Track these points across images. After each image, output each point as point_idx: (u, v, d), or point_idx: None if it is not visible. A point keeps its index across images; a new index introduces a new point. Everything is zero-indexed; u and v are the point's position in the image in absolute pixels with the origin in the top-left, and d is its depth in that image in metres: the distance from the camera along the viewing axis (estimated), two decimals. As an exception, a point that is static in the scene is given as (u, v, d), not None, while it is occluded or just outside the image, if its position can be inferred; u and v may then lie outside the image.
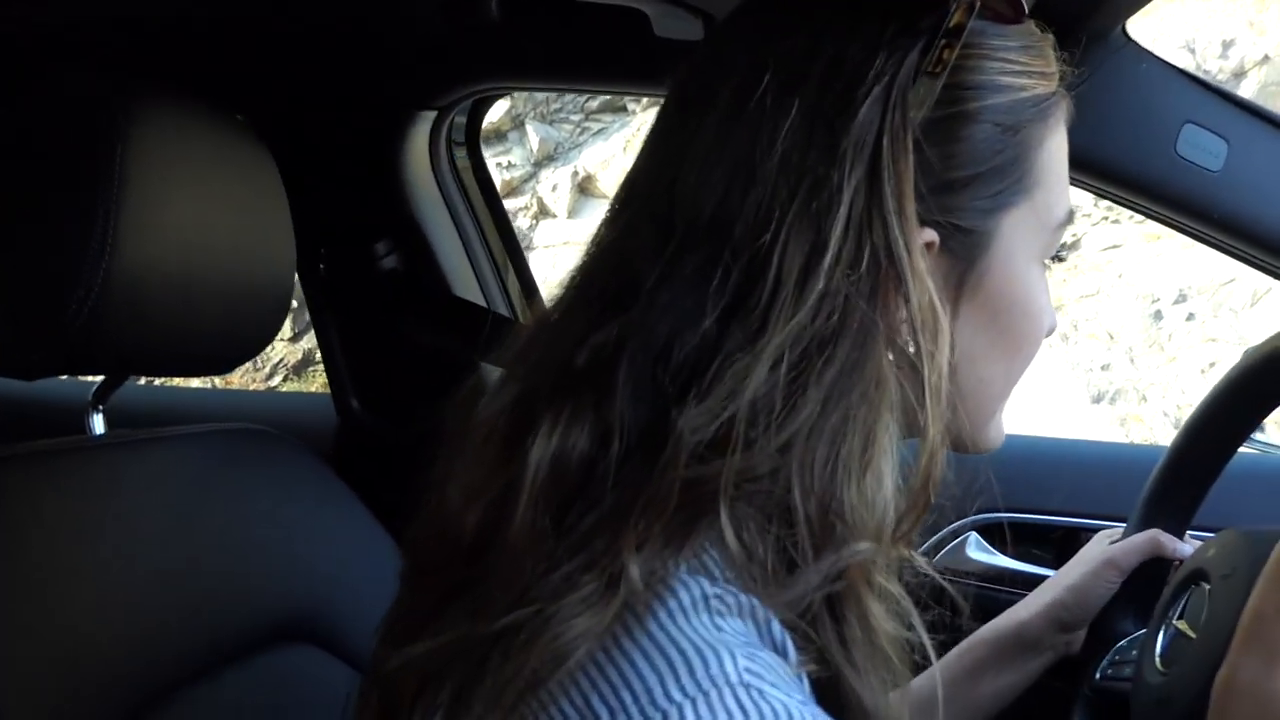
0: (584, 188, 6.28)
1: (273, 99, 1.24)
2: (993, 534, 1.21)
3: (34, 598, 0.75)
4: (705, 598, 0.47)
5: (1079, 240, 4.89)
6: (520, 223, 6.25)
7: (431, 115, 1.26)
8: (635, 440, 0.51)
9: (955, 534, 1.21)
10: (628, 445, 0.51)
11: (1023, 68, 0.56)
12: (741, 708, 0.44)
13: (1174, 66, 0.99)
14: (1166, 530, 0.93)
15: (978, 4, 0.53)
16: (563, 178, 6.24)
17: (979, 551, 1.20)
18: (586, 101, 6.43)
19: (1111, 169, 1.00)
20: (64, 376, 1.34)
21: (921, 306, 0.51)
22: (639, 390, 0.51)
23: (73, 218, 0.78)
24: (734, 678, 0.45)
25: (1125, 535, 0.96)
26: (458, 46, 1.14)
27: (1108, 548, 0.94)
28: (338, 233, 1.31)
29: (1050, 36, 0.60)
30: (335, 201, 1.29)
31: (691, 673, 0.45)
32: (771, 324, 0.50)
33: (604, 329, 0.52)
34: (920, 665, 0.53)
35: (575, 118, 6.44)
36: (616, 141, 6.27)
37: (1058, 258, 0.63)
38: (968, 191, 0.55)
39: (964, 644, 0.97)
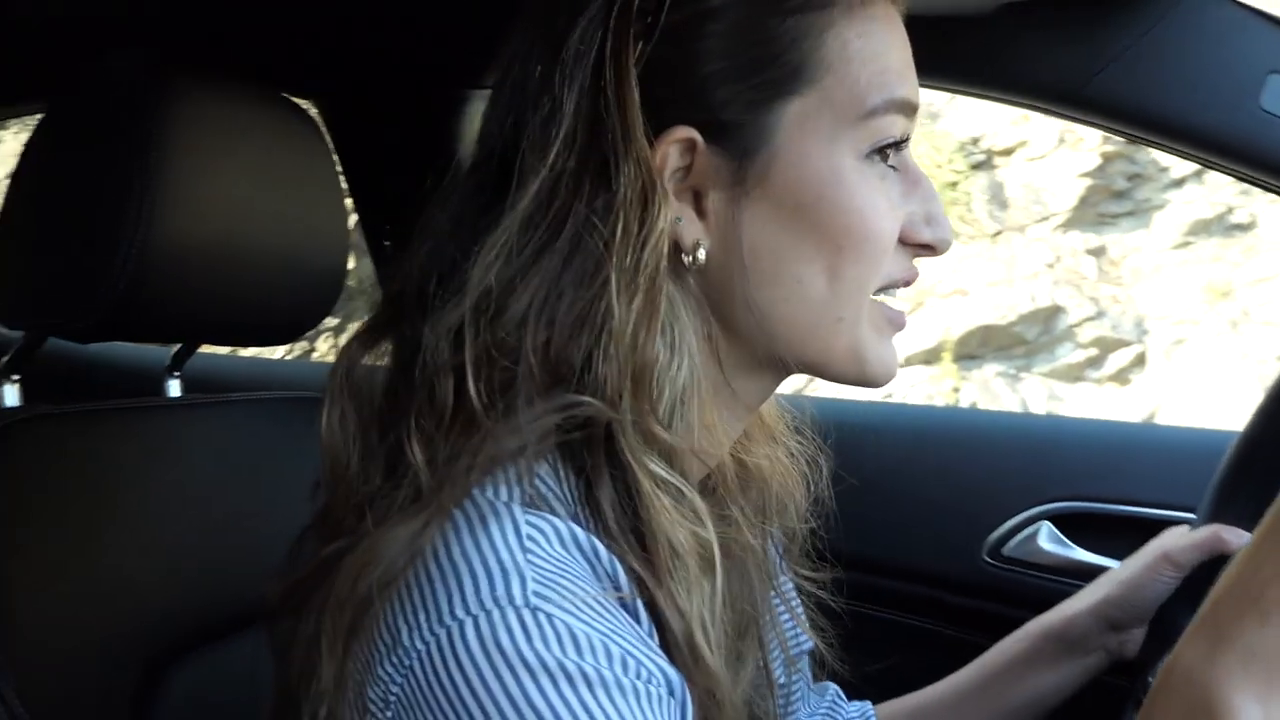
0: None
1: (337, 81, 1.30)
2: (1068, 524, 1.13)
3: (92, 535, 0.81)
4: (516, 525, 0.50)
5: (1254, 221, 4.49)
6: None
7: (487, 95, 1.27)
8: (406, 355, 0.56)
9: (1027, 523, 1.14)
10: (403, 361, 0.57)
11: None
12: (523, 626, 0.47)
13: (1256, 10, 0.89)
14: (1235, 523, 0.85)
15: None
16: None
17: (1052, 543, 1.12)
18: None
19: (1186, 126, 0.91)
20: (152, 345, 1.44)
21: (627, 189, 0.54)
22: (411, 310, 0.57)
23: (114, 191, 0.83)
24: (518, 599, 0.47)
25: (1194, 528, 0.88)
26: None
27: (1165, 542, 0.87)
28: (401, 211, 1.35)
29: None
30: (398, 181, 1.33)
31: (477, 592, 0.48)
32: (502, 225, 0.55)
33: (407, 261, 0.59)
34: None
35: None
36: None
37: (892, 145, 0.60)
38: (724, 86, 0.56)
39: (1008, 638, 0.91)
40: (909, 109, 0.59)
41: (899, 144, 0.59)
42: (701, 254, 0.58)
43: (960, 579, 1.16)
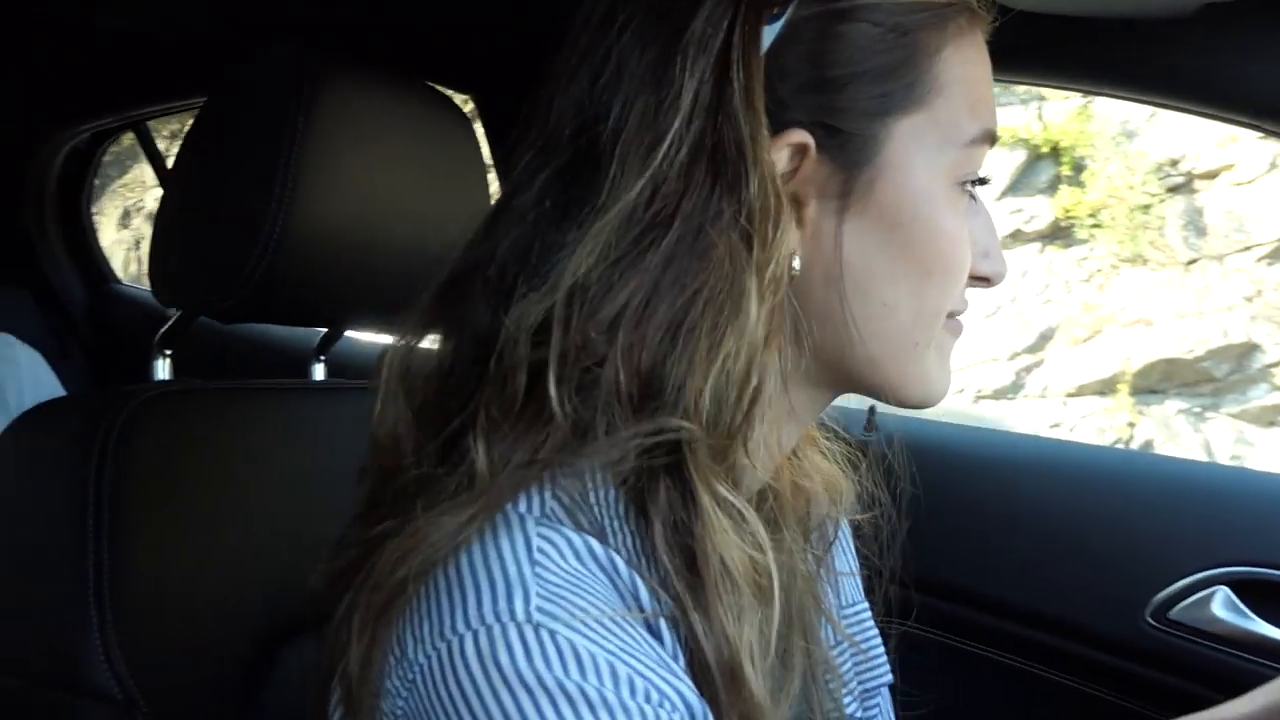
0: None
1: (492, 76, 1.29)
2: (1249, 591, 1.00)
3: (217, 511, 0.83)
4: (527, 537, 0.48)
5: None
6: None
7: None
8: (477, 344, 0.53)
9: (1201, 585, 1.02)
10: (472, 349, 0.54)
11: None
12: (524, 643, 0.45)
13: None
14: None
15: None
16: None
17: (1229, 611, 1.00)
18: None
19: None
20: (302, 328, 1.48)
21: (758, 196, 0.50)
22: (484, 296, 0.54)
23: (257, 178, 0.84)
24: (520, 615, 0.46)
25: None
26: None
27: None
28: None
29: None
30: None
31: (479, 606, 0.46)
32: (599, 213, 0.51)
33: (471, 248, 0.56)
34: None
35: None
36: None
37: (979, 179, 0.58)
38: (845, 92, 0.54)
39: None
40: (994, 138, 0.58)
41: (983, 180, 0.58)
42: (796, 265, 0.55)
43: (1120, 640, 1.06)
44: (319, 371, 1.11)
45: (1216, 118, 0.85)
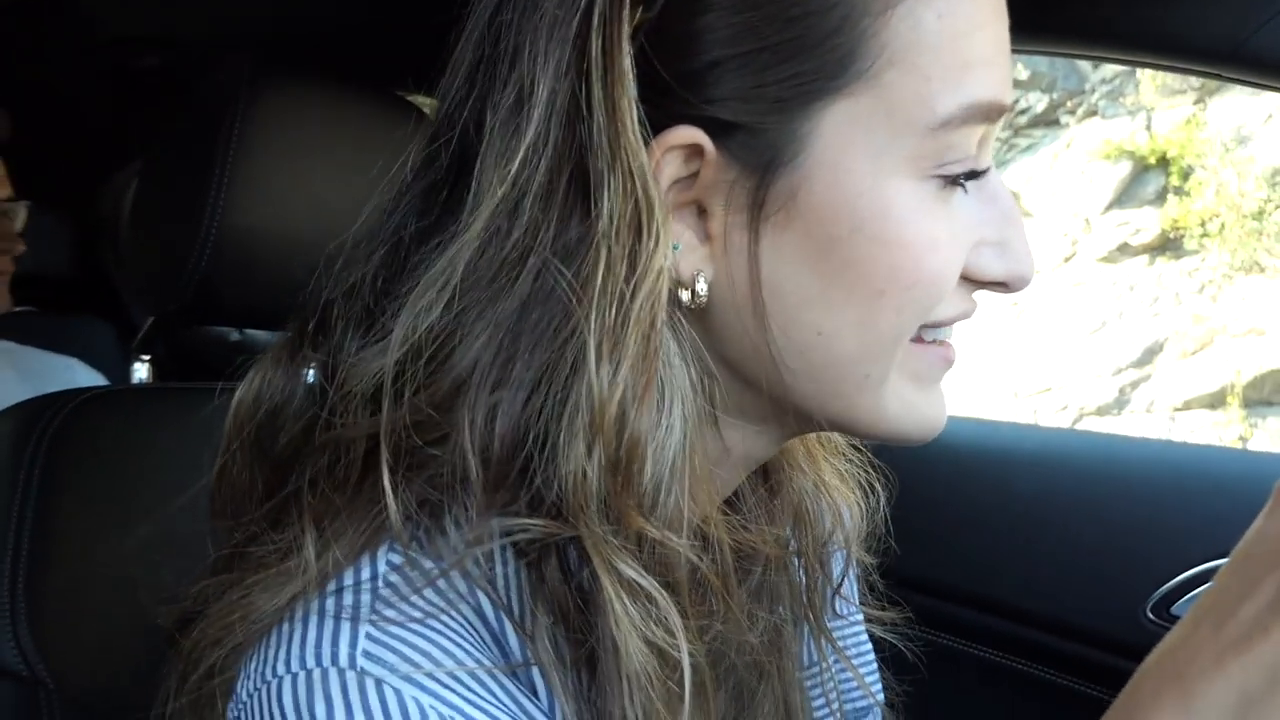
0: (1009, 208, 5.89)
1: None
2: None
3: (142, 502, 0.83)
4: (374, 575, 0.42)
5: None
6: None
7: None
8: (308, 403, 0.47)
9: (1204, 578, 0.95)
10: (303, 409, 0.47)
11: None
12: (344, 692, 0.39)
13: None
14: None
15: None
16: (986, 198, 5.89)
17: (1231, 602, 0.92)
18: (1016, 117, 6.02)
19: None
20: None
21: (624, 212, 0.41)
22: (348, 332, 0.46)
23: (196, 183, 0.87)
24: (343, 660, 0.40)
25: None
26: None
27: None
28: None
29: None
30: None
31: (303, 647, 0.41)
32: (446, 256, 0.43)
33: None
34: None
35: (1004, 134, 6.06)
36: (1045, 156, 5.79)
37: (971, 174, 0.44)
38: (740, 76, 0.42)
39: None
40: (995, 113, 0.44)
41: (976, 170, 0.45)
42: (703, 288, 0.45)
43: (1117, 637, 0.99)
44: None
45: (1156, 65, 0.80)
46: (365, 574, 0.43)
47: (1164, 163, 5.52)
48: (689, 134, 0.43)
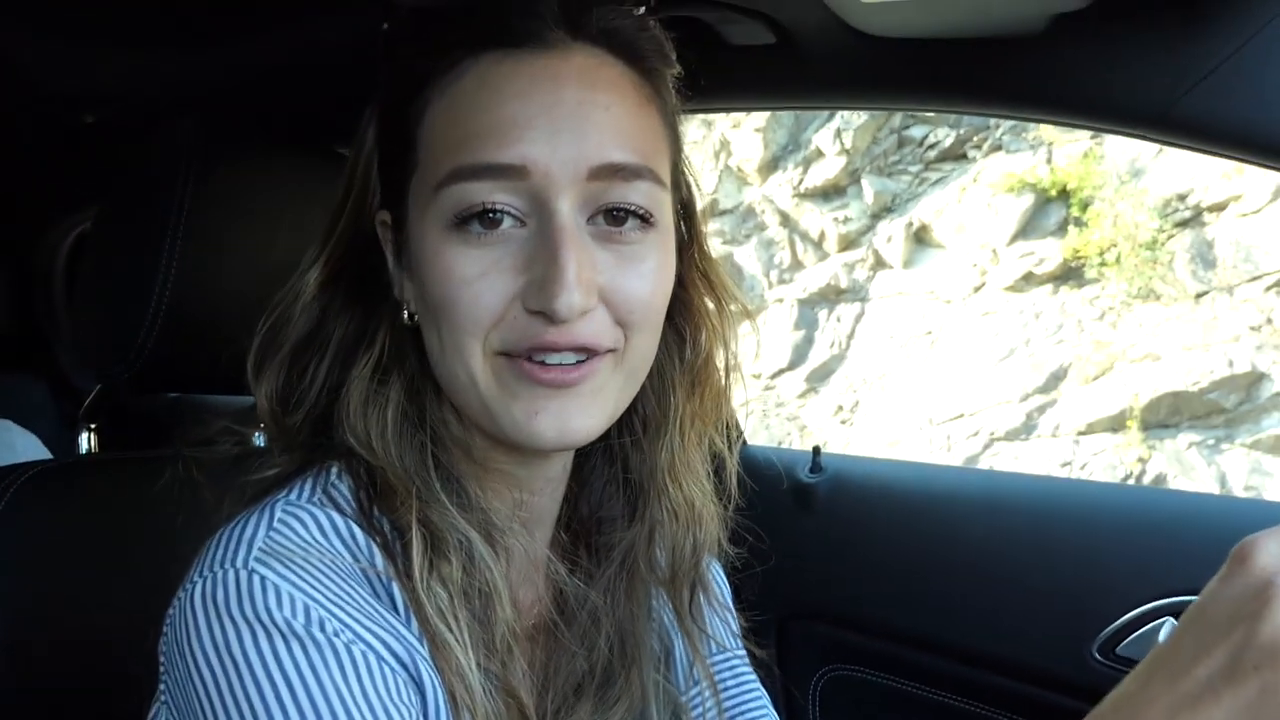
0: (919, 237, 6.04)
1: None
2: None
3: (87, 573, 0.83)
4: (273, 513, 0.59)
5: None
6: (857, 275, 6.12)
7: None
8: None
9: (1148, 617, 0.98)
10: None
11: (410, 52, 0.63)
12: (238, 586, 0.55)
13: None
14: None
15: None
16: (898, 229, 6.04)
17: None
18: (925, 151, 6.20)
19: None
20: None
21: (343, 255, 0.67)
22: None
23: (147, 251, 0.85)
24: (240, 562, 0.56)
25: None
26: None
27: None
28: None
29: None
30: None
31: (213, 559, 0.57)
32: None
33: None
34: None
35: (914, 168, 6.23)
36: (953, 189, 5.97)
37: (477, 214, 0.63)
38: (384, 171, 0.64)
39: None
40: (490, 172, 0.59)
41: (486, 211, 0.59)
42: (405, 315, 0.66)
43: (1065, 678, 1.02)
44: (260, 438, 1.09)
45: (1085, 127, 0.83)
46: (303, 494, 0.61)
47: (1064, 195, 5.72)
48: (384, 215, 0.66)
